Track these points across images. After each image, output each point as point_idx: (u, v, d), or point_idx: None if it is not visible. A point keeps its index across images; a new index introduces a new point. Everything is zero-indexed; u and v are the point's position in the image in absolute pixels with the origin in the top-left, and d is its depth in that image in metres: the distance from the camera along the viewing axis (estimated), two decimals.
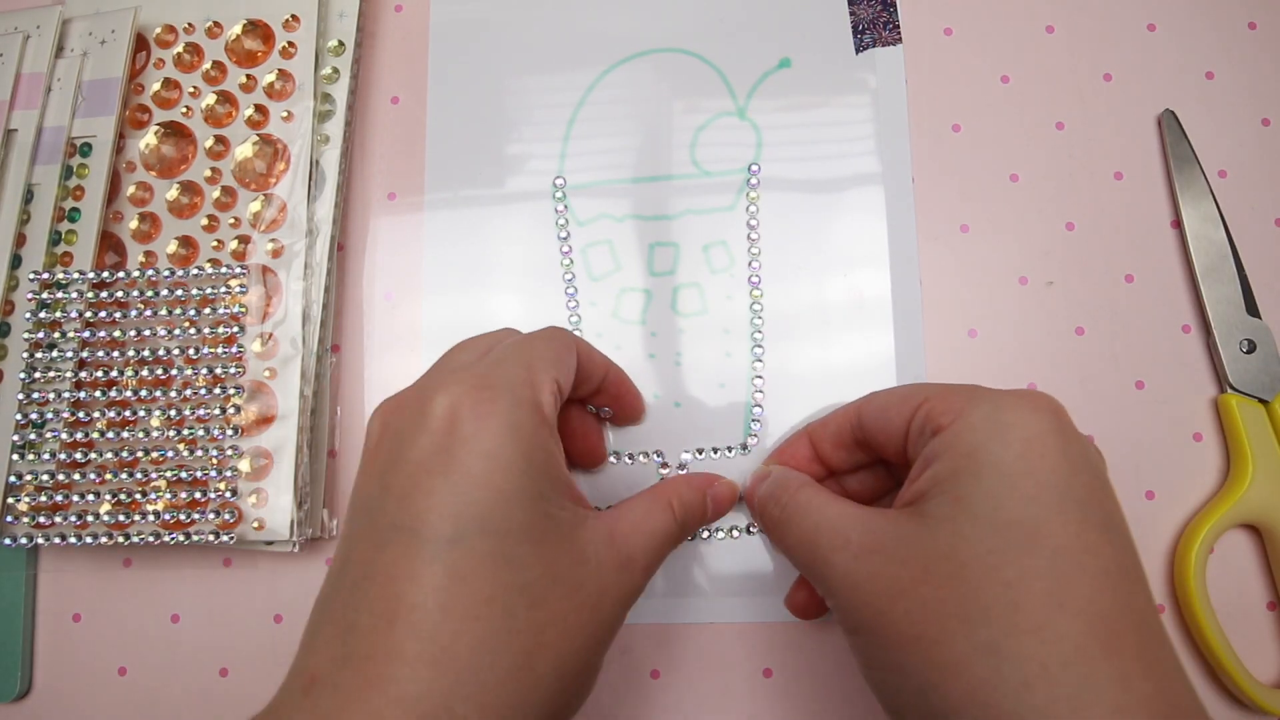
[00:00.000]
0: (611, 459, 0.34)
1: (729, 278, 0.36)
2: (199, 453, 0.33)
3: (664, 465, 0.34)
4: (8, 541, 0.33)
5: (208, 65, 0.37)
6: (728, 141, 0.37)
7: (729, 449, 0.34)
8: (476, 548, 0.21)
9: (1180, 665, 0.22)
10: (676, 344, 0.35)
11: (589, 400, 0.32)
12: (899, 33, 0.37)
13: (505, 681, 0.21)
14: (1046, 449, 0.23)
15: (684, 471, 0.34)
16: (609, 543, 0.25)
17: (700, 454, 0.34)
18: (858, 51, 0.37)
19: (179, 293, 0.35)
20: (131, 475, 0.34)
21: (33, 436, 0.33)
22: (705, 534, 0.34)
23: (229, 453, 0.33)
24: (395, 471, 0.23)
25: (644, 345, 0.35)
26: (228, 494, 0.33)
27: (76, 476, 0.33)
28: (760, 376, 0.35)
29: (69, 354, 0.34)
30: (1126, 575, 0.22)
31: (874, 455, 0.30)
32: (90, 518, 0.33)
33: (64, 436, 0.33)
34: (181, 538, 0.33)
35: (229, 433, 0.33)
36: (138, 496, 0.33)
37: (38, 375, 0.34)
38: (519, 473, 0.22)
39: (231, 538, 0.33)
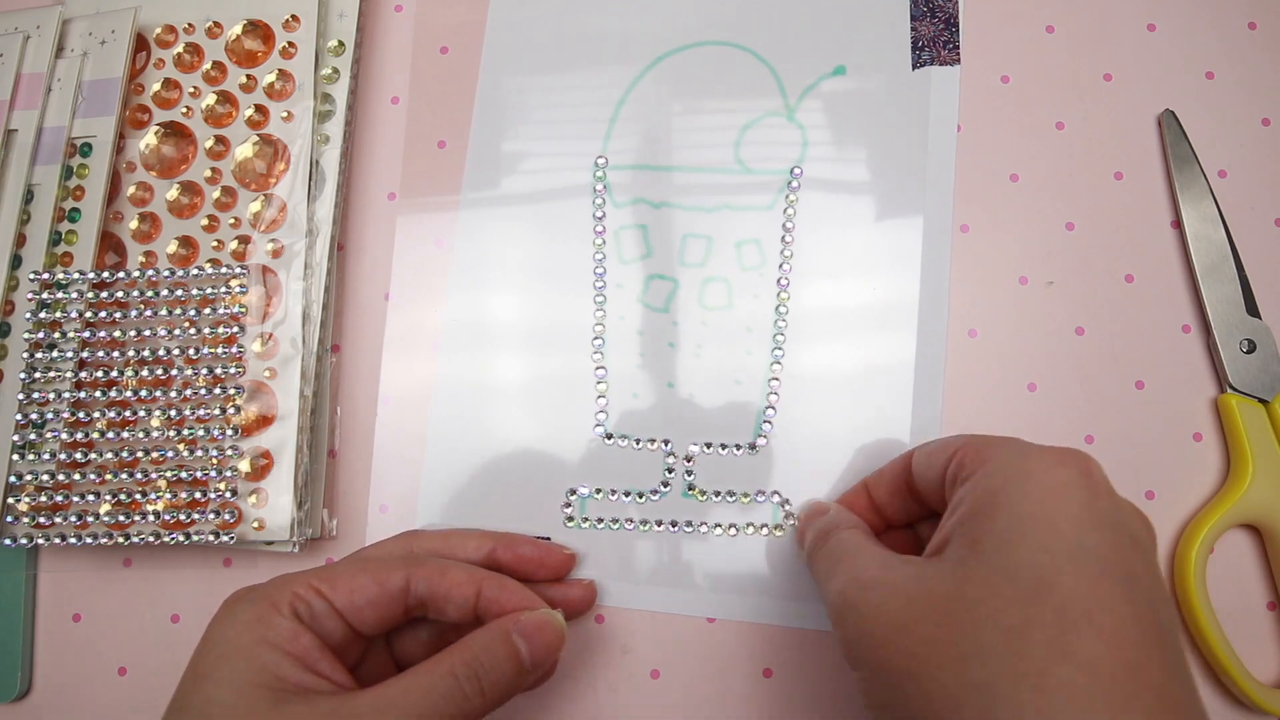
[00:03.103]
0: (619, 441, 0.34)
1: (758, 276, 0.36)
2: (199, 453, 0.33)
3: (670, 455, 0.34)
4: (8, 541, 0.33)
5: (208, 65, 0.37)
6: (773, 141, 0.36)
7: (736, 447, 0.34)
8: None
9: None
10: (698, 336, 0.35)
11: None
12: (958, 53, 0.36)
13: None
14: (1068, 500, 0.23)
15: (689, 463, 0.34)
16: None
17: (708, 448, 0.34)
18: (914, 67, 0.36)
19: (179, 293, 0.35)
20: (131, 475, 0.34)
21: (33, 436, 0.33)
22: (703, 527, 0.34)
23: (229, 453, 0.33)
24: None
25: (665, 333, 0.35)
26: (228, 494, 0.33)
27: (76, 476, 0.33)
28: (777, 379, 0.35)
29: (69, 354, 0.34)
30: (1146, 637, 0.22)
31: (927, 507, 0.30)
32: (90, 518, 0.33)
33: (64, 436, 0.33)
34: (181, 538, 0.33)
35: (229, 433, 0.33)
36: (138, 496, 0.33)
37: (38, 375, 0.34)
38: (239, 659, 0.26)
39: (231, 538, 0.33)
